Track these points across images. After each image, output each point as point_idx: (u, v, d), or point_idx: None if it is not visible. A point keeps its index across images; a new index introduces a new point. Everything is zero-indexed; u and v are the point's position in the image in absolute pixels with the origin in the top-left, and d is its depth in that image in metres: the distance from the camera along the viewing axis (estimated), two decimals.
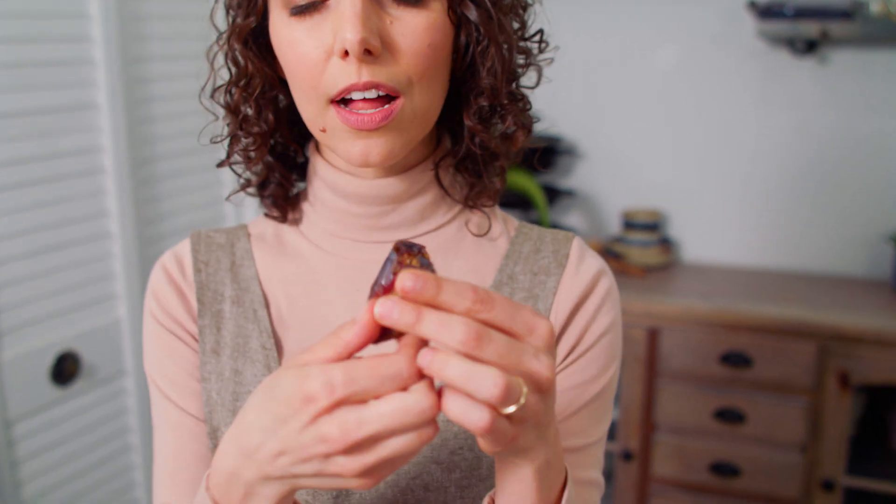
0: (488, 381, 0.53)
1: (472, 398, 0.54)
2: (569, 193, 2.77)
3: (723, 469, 2.28)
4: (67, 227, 1.77)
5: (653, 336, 2.29)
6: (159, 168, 1.99)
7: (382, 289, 0.57)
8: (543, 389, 0.58)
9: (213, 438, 0.87)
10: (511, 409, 0.55)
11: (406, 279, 0.54)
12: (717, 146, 2.66)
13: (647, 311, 2.28)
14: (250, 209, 2.20)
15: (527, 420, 0.58)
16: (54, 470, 1.79)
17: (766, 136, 2.60)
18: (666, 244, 2.66)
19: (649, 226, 2.63)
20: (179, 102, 2.01)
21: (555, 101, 0.88)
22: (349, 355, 0.58)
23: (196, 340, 0.89)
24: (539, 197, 2.54)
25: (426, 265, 0.59)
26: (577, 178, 2.84)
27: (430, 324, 0.54)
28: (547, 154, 2.66)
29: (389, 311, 0.54)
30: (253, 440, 0.61)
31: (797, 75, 2.54)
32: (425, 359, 0.55)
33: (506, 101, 0.83)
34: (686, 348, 2.27)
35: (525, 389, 0.56)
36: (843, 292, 2.39)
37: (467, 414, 0.54)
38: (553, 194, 2.73)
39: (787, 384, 2.20)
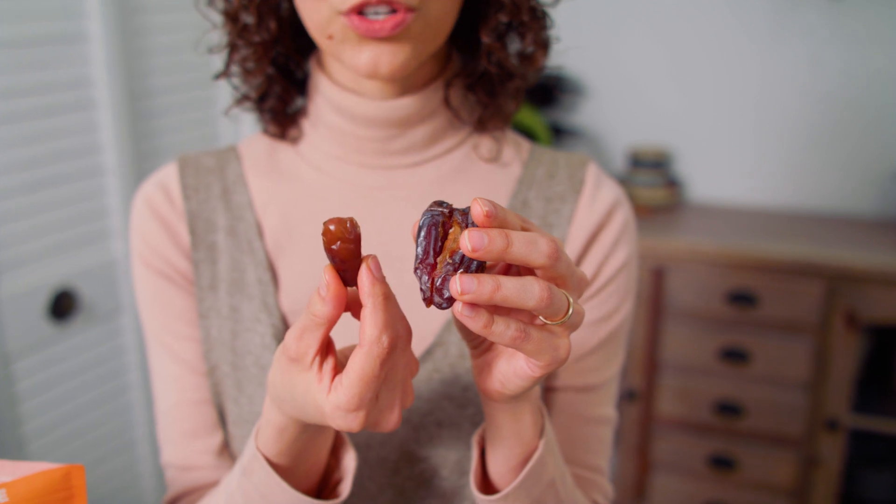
0: (535, 290, 0.53)
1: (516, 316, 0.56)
2: (573, 132, 2.72)
3: (727, 408, 2.28)
4: (61, 163, 1.73)
5: (658, 275, 2.26)
6: (156, 102, 1.94)
7: (433, 254, 0.55)
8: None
9: (212, 376, 0.84)
10: (565, 318, 0.57)
11: (482, 204, 0.52)
12: (725, 82, 2.60)
13: (652, 250, 2.25)
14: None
15: (577, 326, 0.59)
16: (54, 407, 1.77)
17: (775, 72, 2.54)
18: (672, 184, 2.62)
19: (656, 164, 2.59)
20: (176, 35, 1.95)
21: (559, 36, 0.83)
22: (330, 328, 0.58)
23: (189, 282, 0.85)
24: (544, 134, 2.49)
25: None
26: (583, 115, 2.78)
27: (520, 244, 0.53)
28: (552, 90, 2.60)
29: (479, 240, 0.51)
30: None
31: (809, 9, 2.47)
32: (471, 283, 0.52)
33: (526, 18, 0.78)
34: (692, 287, 2.25)
35: (571, 299, 0.57)
36: (852, 231, 2.36)
37: (508, 330, 0.54)
38: (557, 132, 2.68)
39: (793, 323, 2.18)
